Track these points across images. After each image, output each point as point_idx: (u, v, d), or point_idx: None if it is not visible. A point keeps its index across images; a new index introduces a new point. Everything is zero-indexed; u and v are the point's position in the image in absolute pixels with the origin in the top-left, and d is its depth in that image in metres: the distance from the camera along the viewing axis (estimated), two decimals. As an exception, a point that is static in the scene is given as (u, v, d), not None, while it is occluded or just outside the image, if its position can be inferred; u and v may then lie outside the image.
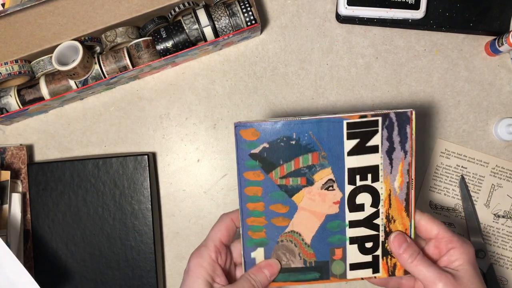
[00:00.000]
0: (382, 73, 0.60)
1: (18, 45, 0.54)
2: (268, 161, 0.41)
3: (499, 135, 0.59)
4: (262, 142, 0.41)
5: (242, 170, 0.42)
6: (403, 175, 0.42)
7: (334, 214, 0.43)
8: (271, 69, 0.60)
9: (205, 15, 0.54)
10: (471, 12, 0.58)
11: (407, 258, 0.41)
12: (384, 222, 0.43)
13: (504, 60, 0.60)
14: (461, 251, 0.41)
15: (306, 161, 0.41)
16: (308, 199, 0.42)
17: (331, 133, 0.41)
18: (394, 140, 0.41)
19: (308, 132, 0.41)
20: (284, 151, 0.41)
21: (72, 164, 0.56)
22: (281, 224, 0.43)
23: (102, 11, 0.54)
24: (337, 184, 0.42)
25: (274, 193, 0.42)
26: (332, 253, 0.43)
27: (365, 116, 0.41)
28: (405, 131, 0.41)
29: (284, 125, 0.41)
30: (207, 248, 0.42)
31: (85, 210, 0.56)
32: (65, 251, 0.55)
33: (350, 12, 0.57)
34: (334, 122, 0.41)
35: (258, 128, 0.41)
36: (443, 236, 0.42)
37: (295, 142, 0.41)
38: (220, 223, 0.43)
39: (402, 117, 0.41)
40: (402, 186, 0.42)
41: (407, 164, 0.42)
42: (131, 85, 0.60)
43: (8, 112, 0.54)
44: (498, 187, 0.59)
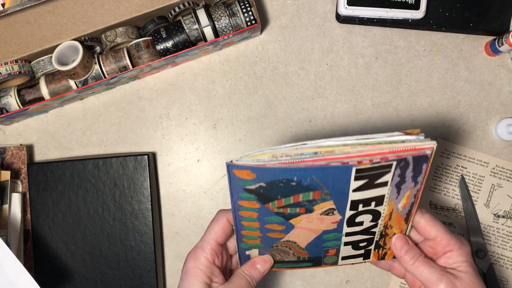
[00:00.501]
0: (382, 73, 0.60)
1: (18, 45, 0.54)
2: (265, 196, 0.38)
3: (499, 135, 0.59)
4: (259, 181, 0.36)
5: (236, 199, 0.38)
6: (409, 198, 0.40)
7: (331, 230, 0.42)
8: (271, 69, 0.60)
9: (205, 15, 0.54)
10: (471, 12, 0.58)
11: (409, 259, 0.41)
12: (381, 229, 0.43)
13: (504, 60, 0.60)
14: (458, 253, 0.41)
15: (307, 197, 0.38)
16: (306, 222, 0.40)
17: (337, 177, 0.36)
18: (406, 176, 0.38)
19: (311, 176, 0.36)
20: (283, 190, 0.37)
21: (72, 164, 0.56)
22: (276, 237, 0.42)
23: (102, 11, 0.54)
24: (337, 211, 0.40)
25: (270, 217, 0.40)
26: (326, 252, 0.44)
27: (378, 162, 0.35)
28: (421, 168, 0.37)
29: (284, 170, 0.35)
30: (203, 251, 0.42)
31: (85, 210, 0.56)
32: (65, 251, 0.55)
33: (350, 12, 0.57)
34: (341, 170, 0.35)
35: (253, 170, 0.35)
36: (442, 239, 0.41)
37: (296, 183, 0.36)
38: (216, 223, 0.43)
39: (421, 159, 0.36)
40: (405, 206, 0.41)
41: (415, 191, 0.39)
42: (131, 85, 0.60)
43: (8, 112, 0.54)
44: (498, 187, 0.59)
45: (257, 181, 0.36)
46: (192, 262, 0.41)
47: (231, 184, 0.37)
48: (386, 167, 0.36)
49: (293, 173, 0.35)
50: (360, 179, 0.36)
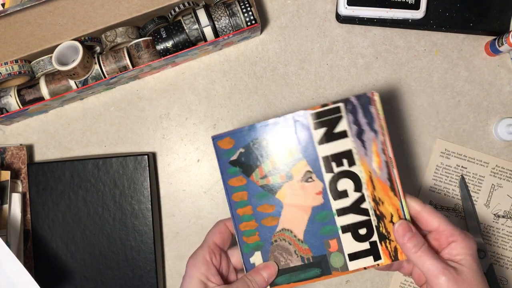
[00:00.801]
0: (382, 73, 0.60)
1: (18, 45, 0.54)
2: (246, 164, 0.43)
3: (499, 135, 0.59)
4: (238, 148, 0.43)
5: (226, 179, 0.44)
6: (379, 155, 0.42)
7: (320, 205, 0.43)
8: (271, 69, 0.60)
9: (205, 15, 0.54)
10: (471, 12, 0.58)
11: (411, 247, 0.40)
12: (372, 205, 0.42)
13: (504, 60, 0.60)
14: (463, 245, 0.40)
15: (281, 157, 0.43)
16: (291, 194, 0.43)
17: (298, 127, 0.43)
18: (361, 123, 0.42)
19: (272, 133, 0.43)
20: (259, 152, 0.43)
21: (72, 164, 0.56)
22: (271, 224, 0.44)
23: (102, 11, 0.54)
24: (315, 175, 0.43)
25: (258, 194, 0.44)
26: (327, 245, 0.43)
27: (326, 105, 0.42)
28: (370, 112, 0.42)
29: (253, 129, 0.43)
30: (202, 250, 0.43)
31: (85, 210, 0.56)
32: (65, 251, 0.55)
33: (350, 12, 0.57)
34: (299, 117, 0.43)
35: (232, 135, 0.43)
36: (444, 229, 0.41)
37: (266, 142, 0.43)
38: (214, 228, 0.45)
39: (363, 99, 0.42)
40: (381, 166, 0.42)
41: (380, 144, 0.42)
42: (131, 85, 0.60)
43: (8, 112, 0.54)
44: (498, 187, 0.59)
45: (236, 148, 0.43)
46: (190, 261, 0.43)
47: (219, 161, 0.44)
48: (336, 110, 0.42)
49: (261, 131, 0.43)
50: (319, 127, 0.42)
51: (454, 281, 0.39)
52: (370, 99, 0.42)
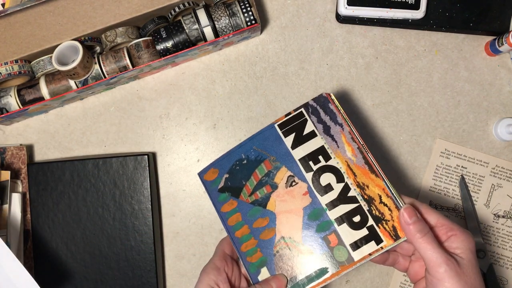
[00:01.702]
0: (382, 73, 0.60)
1: (18, 45, 0.54)
2: (233, 187, 0.47)
3: (499, 135, 0.59)
4: (223, 175, 0.47)
5: (219, 207, 0.47)
6: (350, 144, 0.45)
7: (309, 205, 0.44)
8: (271, 69, 0.60)
9: (205, 15, 0.54)
10: (471, 12, 0.58)
11: (416, 232, 0.40)
12: (358, 191, 0.43)
13: (504, 60, 0.60)
14: (462, 238, 0.41)
15: (262, 170, 0.46)
16: (280, 202, 0.45)
17: (270, 139, 0.46)
18: (325, 120, 0.45)
19: (252, 148, 0.47)
20: (242, 171, 0.47)
21: (72, 164, 0.56)
22: (269, 237, 0.45)
23: (102, 11, 0.54)
24: (297, 177, 0.45)
25: (251, 211, 0.46)
26: (327, 241, 0.43)
27: (289, 114, 0.47)
28: (330, 109, 0.46)
29: (232, 153, 0.47)
30: (212, 259, 0.45)
31: (85, 210, 0.56)
32: (65, 251, 0.55)
33: (350, 12, 0.57)
34: (268, 130, 0.47)
35: (215, 166, 0.48)
36: (443, 224, 0.42)
37: (246, 160, 0.47)
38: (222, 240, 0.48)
39: (320, 100, 0.46)
40: (355, 153, 0.44)
41: (348, 134, 0.45)
42: (131, 85, 0.60)
43: (8, 112, 0.54)
44: (498, 187, 0.59)
45: (221, 175, 0.47)
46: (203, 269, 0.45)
47: (209, 193, 0.47)
48: (299, 116, 0.46)
49: (239, 152, 0.47)
50: (288, 133, 0.46)
51: (455, 272, 0.39)
52: (326, 98, 0.46)
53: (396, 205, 0.43)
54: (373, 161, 0.44)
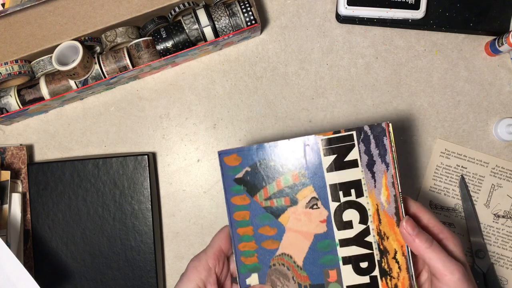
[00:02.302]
0: (382, 73, 0.60)
1: (18, 45, 0.54)
2: (251, 184, 0.42)
3: (499, 135, 0.59)
4: (244, 166, 0.42)
5: (229, 196, 0.43)
6: (389, 189, 0.41)
7: (322, 233, 0.41)
8: (271, 69, 0.60)
9: (205, 15, 0.54)
10: (471, 12, 0.58)
11: (423, 242, 0.39)
12: (376, 239, 0.41)
13: (504, 60, 0.60)
14: (454, 241, 0.40)
15: (287, 181, 0.42)
16: (295, 219, 0.42)
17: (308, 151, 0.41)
18: (373, 154, 0.41)
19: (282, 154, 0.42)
20: (265, 172, 0.42)
21: (72, 164, 0.56)
22: (271, 247, 0.42)
23: (102, 11, 0.54)
24: (321, 202, 0.41)
25: (261, 216, 0.42)
26: (327, 275, 0.42)
27: (338, 132, 0.41)
28: (383, 143, 0.41)
29: (262, 148, 0.42)
30: (206, 254, 0.42)
31: (85, 210, 0.56)
32: (65, 251, 0.55)
33: (350, 12, 0.57)
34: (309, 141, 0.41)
35: (239, 153, 0.42)
36: (434, 225, 0.41)
37: (274, 163, 0.42)
38: (221, 232, 0.44)
39: (377, 130, 0.41)
40: (389, 199, 0.41)
41: (390, 177, 0.41)
42: (131, 85, 0.60)
43: (8, 112, 0.54)
44: (498, 187, 0.59)
45: (242, 166, 0.42)
46: (191, 263, 0.42)
47: (223, 178, 0.42)
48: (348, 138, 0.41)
49: (269, 151, 0.42)
50: (330, 154, 0.41)
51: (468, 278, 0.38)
52: (384, 130, 0.41)
53: (408, 266, 0.41)
54: (403, 215, 0.41)
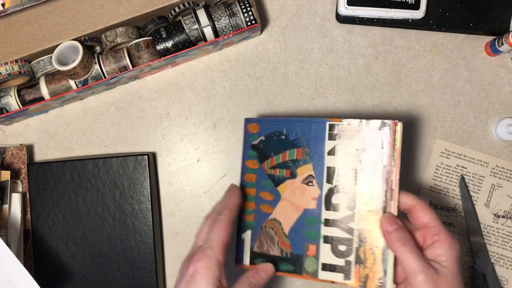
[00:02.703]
0: (382, 73, 0.60)
1: (18, 45, 0.54)
2: (263, 152, 0.48)
3: (499, 135, 0.59)
4: (261, 135, 0.48)
5: (245, 159, 0.49)
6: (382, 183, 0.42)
7: (311, 210, 0.44)
8: (271, 69, 0.60)
9: (205, 15, 0.54)
10: (471, 12, 0.58)
11: (396, 240, 0.40)
12: (359, 227, 0.42)
13: (504, 60, 0.60)
14: (447, 245, 0.40)
15: (292, 155, 0.46)
16: (290, 191, 0.46)
17: (315, 133, 0.44)
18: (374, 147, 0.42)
19: (296, 130, 0.46)
20: (276, 144, 0.47)
21: (72, 164, 0.56)
22: (266, 211, 0.47)
23: (102, 11, 0.54)
24: (316, 181, 0.44)
25: (264, 181, 0.47)
26: (306, 248, 0.44)
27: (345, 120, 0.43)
28: (386, 140, 0.42)
29: (278, 122, 0.47)
30: (214, 250, 0.41)
31: (85, 210, 0.56)
32: (65, 251, 0.55)
33: (350, 12, 0.57)
34: (318, 123, 0.44)
35: (259, 123, 0.48)
36: (433, 226, 0.41)
37: (285, 137, 0.46)
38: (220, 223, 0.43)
39: (383, 125, 0.42)
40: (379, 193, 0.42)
41: (386, 173, 0.42)
42: (131, 85, 0.60)
43: (8, 112, 0.54)
44: (498, 187, 0.59)
45: (259, 135, 0.48)
46: (202, 263, 0.40)
47: (244, 141, 0.49)
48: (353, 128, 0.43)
49: (283, 125, 0.46)
50: (333, 139, 0.43)
51: (432, 282, 0.38)
52: (389, 127, 0.42)
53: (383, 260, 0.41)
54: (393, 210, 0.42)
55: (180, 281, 0.41)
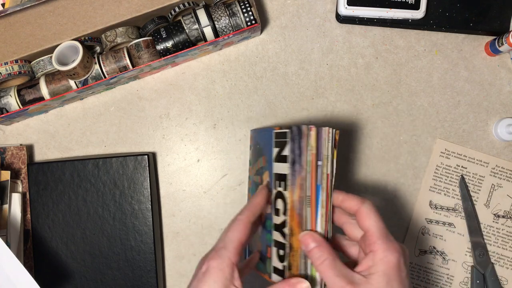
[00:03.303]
0: (382, 73, 0.60)
1: (18, 45, 0.54)
2: (252, 159, 0.52)
3: (499, 135, 0.59)
4: (251, 143, 0.53)
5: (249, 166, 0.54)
6: (300, 189, 0.41)
7: (269, 214, 0.44)
8: (271, 69, 0.60)
9: (205, 15, 0.54)
10: (471, 12, 0.58)
11: (316, 258, 0.39)
12: (288, 232, 0.41)
13: (504, 60, 0.60)
14: (380, 257, 0.37)
15: (261, 163, 0.48)
16: None
17: (267, 141, 0.45)
18: (295, 153, 0.42)
19: (262, 140, 0.48)
20: (255, 153, 0.50)
21: (72, 164, 0.56)
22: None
23: (102, 11, 0.54)
24: (270, 187, 0.44)
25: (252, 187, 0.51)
26: (267, 250, 0.44)
27: (280, 128, 0.43)
28: (301, 145, 0.41)
29: (257, 133, 0.50)
30: (227, 250, 0.39)
31: (85, 210, 0.56)
32: (65, 251, 0.55)
33: (350, 12, 0.57)
34: (268, 132, 0.45)
35: (252, 132, 0.53)
36: (370, 234, 0.39)
37: (259, 146, 0.49)
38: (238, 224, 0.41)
39: (297, 131, 0.42)
40: (299, 199, 0.41)
41: (301, 179, 0.41)
42: (131, 85, 0.60)
43: (8, 112, 0.54)
44: (498, 187, 0.59)
45: (251, 143, 0.53)
46: (213, 262, 0.39)
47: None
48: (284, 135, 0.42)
49: (258, 136, 0.50)
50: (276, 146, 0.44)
51: None
52: (301, 132, 0.41)
53: (299, 269, 0.41)
54: (308, 217, 0.41)
55: (194, 278, 0.40)
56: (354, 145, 0.59)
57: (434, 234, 0.58)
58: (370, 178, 0.59)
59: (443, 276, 0.58)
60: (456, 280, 0.58)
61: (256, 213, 0.43)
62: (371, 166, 0.59)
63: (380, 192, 0.59)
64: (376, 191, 0.59)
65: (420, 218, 0.59)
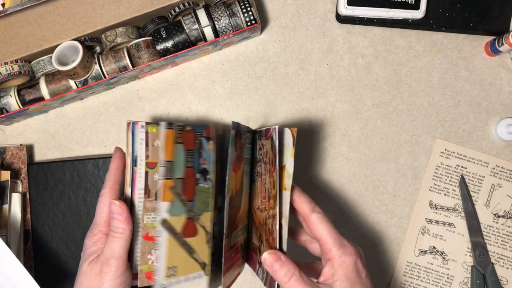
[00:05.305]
0: (382, 73, 0.60)
1: (18, 45, 0.54)
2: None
3: (499, 135, 0.59)
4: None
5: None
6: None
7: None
8: (271, 69, 0.60)
9: (205, 15, 0.54)
10: (471, 12, 0.58)
11: (282, 277, 0.38)
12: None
13: (504, 60, 0.60)
14: (338, 263, 0.38)
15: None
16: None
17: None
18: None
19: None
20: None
21: (72, 164, 0.56)
22: None
23: (102, 11, 0.54)
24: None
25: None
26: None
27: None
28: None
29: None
30: (98, 225, 0.41)
31: (85, 210, 0.56)
32: (65, 251, 0.55)
33: (350, 12, 0.57)
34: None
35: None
36: (324, 243, 0.39)
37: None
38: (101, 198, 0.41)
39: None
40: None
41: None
42: (131, 85, 0.60)
43: (8, 112, 0.54)
44: (498, 187, 0.59)
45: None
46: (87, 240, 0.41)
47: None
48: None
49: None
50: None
51: None
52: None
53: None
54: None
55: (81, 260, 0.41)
56: (354, 145, 0.59)
57: (434, 234, 0.58)
58: (370, 178, 0.59)
59: (443, 276, 0.58)
60: (456, 280, 0.58)
61: (118, 180, 0.42)
62: (371, 166, 0.59)
63: (380, 192, 0.59)
64: (376, 191, 0.59)
65: (420, 218, 0.59)
